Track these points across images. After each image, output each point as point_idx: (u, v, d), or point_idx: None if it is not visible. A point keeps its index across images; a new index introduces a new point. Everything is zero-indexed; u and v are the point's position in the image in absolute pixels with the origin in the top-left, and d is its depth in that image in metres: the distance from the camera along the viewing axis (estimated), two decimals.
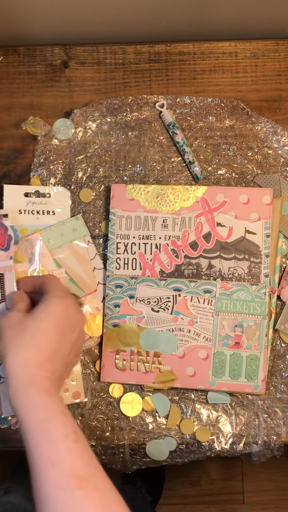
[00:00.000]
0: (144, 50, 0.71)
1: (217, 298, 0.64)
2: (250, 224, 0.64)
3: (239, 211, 0.64)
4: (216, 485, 1.33)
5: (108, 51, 0.71)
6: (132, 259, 0.65)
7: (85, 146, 0.69)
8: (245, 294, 0.63)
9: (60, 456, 0.45)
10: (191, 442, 0.65)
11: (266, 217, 0.64)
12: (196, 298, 0.64)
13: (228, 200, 0.64)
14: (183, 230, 0.65)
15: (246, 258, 0.64)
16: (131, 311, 0.65)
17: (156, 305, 0.65)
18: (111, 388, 0.66)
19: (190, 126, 0.70)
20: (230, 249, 0.64)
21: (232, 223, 0.64)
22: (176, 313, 0.64)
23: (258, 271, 0.64)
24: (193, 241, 0.65)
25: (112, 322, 0.65)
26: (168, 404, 0.66)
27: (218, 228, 0.65)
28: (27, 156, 0.70)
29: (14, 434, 0.65)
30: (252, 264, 0.64)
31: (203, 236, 0.65)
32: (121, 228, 0.66)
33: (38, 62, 0.71)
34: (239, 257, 0.64)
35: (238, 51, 0.71)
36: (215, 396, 0.65)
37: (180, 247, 0.65)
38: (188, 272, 0.64)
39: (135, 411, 0.66)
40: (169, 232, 0.65)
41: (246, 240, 0.64)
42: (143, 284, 0.65)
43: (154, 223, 0.65)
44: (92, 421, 0.66)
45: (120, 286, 0.65)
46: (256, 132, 0.69)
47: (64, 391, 0.64)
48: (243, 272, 0.64)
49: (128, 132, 0.70)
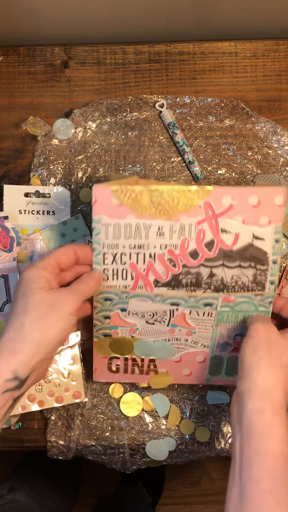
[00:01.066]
0: (144, 50, 0.71)
1: (218, 311, 0.58)
2: (258, 230, 0.56)
3: (248, 215, 0.55)
4: (216, 485, 1.33)
5: (108, 51, 0.71)
6: (122, 269, 0.57)
7: (85, 146, 0.69)
8: (248, 306, 0.58)
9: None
10: (191, 442, 0.65)
11: (277, 220, 0.55)
12: (195, 312, 0.58)
13: (236, 203, 0.55)
14: (182, 238, 0.56)
15: (252, 265, 0.57)
16: (123, 323, 0.59)
17: (151, 318, 0.59)
18: (111, 388, 0.66)
19: (190, 126, 0.70)
20: (234, 257, 0.57)
21: (239, 229, 0.56)
22: (173, 325, 0.59)
23: (263, 278, 0.57)
24: (193, 249, 0.56)
25: (102, 333, 0.60)
26: (168, 404, 0.66)
27: (223, 235, 0.56)
28: (27, 156, 0.70)
29: (14, 434, 0.65)
30: (258, 272, 0.57)
31: (205, 244, 0.56)
32: (108, 237, 0.55)
33: (38, 62, 0.71)
34: (244, 265, 0.57)
35: (238, 51, 0.71)
36: (215, 396, 0.65)
37: (178, 256, 0.56)
38: (187, 281, 0.57)
39: (135, 411, 0.66)
40: (165, 241, 0.56)
41: (253, 247, 0.56)
42: (135, 299, 0.58)
43: (147, 231, 0.55)
44: (92, 421, 0.66)
45: (109, 299, 0.58)
46: (256, 132, 0.69)
47: (65, 391, 0.64)
48: (247, 280, 0.57)
49: (128, 132, 0.70)
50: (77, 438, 0.65)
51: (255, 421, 0.46)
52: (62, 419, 0.66)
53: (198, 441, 0.65)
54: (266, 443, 0.45)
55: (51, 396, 0.64)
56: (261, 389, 0.48)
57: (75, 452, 0.65)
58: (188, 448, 0.65)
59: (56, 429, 0.65)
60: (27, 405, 0.64)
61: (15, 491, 0.83)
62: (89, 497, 1.21)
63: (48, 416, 0.66)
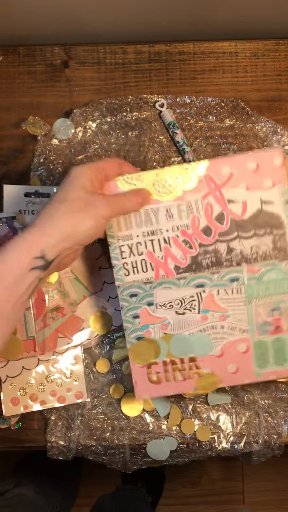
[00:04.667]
0: (144, 50, 0.71)
1: (246, 285, 0.57)
2: (264, 193, 0.56)
3: (250, 181, 0.56)
4: (216, 485, 1.33)
5: (108, 51, 0.71)
6: (141, 260, 0.57)
7: (85, 146, 0.69)
8: (276, 273, 0.57)
9: None
10: (192, 442, 0.65)
11: (281, 180, 0.56)
12: (223, 290, 0.57)
13: (236, 172, 0.56)
14: (191, 217, 0.57)
15: (268, 232, 0.56)
16: (154, 320, 0.58)
17: (180, 307, 0.58)
18: (112, 388, 0.66)
19: (190, 125, 0.70)
20: (248, 226, 0.57)
21: (245, 197, 0.56)
22: (205, 311, 0.57)
23: (284, 243, 0.56)
24: (205, 226, 0.57)
25: (135, 336, 0.58)
26: (168, 404, 0.66)
27: (231, 206, 0.57)
28: (27, 156, 0.70)
29: (14, 434, 0.65)
30: (276, 237, 0.56)
31: (215, 218, 0.57)
32: (121, 228, 0.57)
33: (38, 62, 0.71)
34: (259, 232, 0.57)
35: (238, 51, 0.71)
36: (215, 397, 0.65)
37: (191, 235, 0.57)
38: (207, 262, 0.57)
39: (135, 411, 0.65)
40: (176, 222, 0.57)
41: (264, 213, 0.56)
42: (160, 287, 0.57)
43: (156, 215, 0.57)
44: (92, 421, 0.65)
45: (134, 295, 0.57)
46: (256, 131, 0.69)
47: (67, 391, 0.64)
48: (267, 248, 0.57)
49: (128, 132, 0.70)
50: (77, 438, 0.65)
51: None
52: (62, 419, 0.66)
53: (199, 441, 0.65)
54: None
55: (53, 396, 0.64)
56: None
57: (75, 452, 0.65)
58: (189, 447, 0.65)
59: (56, 429, 0.65)
60: (29, 405, 0.64)
61: (22, 486, 0.83)
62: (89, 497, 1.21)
63: (48, 416, 0.66)
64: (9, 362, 0.64)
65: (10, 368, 0.64)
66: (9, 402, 0.64)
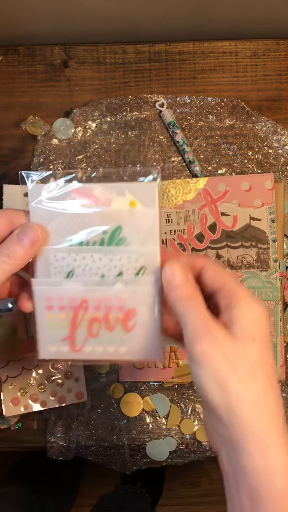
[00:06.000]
0: (144, 50, 0.71)
1: None
2: (254, 211, 0.64)
3: (242, 199, 0.65)
4: (216, 486, 1.32)
5: (108, 50, 0.71)
6: None
7: (85, 145, 0.69)
8: (256, 281, 0.64)
9: None
10: (191, 442, 0.65)
11: (269, 202, 0.64)
12: None
13: (230, 189, 0.65)
14: (188, 223, 0.65)
15: (254, 245, 0.64)
16: None
17: None
18: (111, 388, 0.66)
19: (190, 125, 0.69)
20: (236, 237, 0.65)
21: (236, 212, 0.65)
22: None
23: (266, 256, 0.64)
24: (198, 233, 0.65)
25: None
26: (168, 404, 0.65)
27: (223, 218, 0.65)
28: (27, 156, 0.70)
29: (14, 434, 0.65)
30: (260, 251, 0.64)
31: (208, 227, 0.65)
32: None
33: (38, 62, 0.71)
34: (246, 244, 0.64)
35: (238, 51, 0.71)
36: None
37: (186, 240, 0.65)
38: None
39: (135, 411, 0.65)
40: (174, 227, 0.65)
41: (251, 227, 0.65)
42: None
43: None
44: (92, 422, 0.65)
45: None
46: (256, 131, 0.69)
47: (67, 391, 0.64)
48: (251, 259, 0.64)
49: (128, 131, 0.70)
50: (77, 439, 0.65)
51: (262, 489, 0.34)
52: (62, 419, 0.65)
53: (198, 441, 0.65)
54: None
55: (54, 396, 0.64)
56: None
57: (75, 452, 0.65)
58: (189, 448, 0.65)
59: (56, 430, 0.65)
60: (29, 405, 0.64)
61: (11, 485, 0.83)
62: (89, 497, 1.21)
63: (48, 417, 0.66)
64: (10, 362, 0.64)
65: (10, 368, 0.64)
66: (10, 402, 0.64)
